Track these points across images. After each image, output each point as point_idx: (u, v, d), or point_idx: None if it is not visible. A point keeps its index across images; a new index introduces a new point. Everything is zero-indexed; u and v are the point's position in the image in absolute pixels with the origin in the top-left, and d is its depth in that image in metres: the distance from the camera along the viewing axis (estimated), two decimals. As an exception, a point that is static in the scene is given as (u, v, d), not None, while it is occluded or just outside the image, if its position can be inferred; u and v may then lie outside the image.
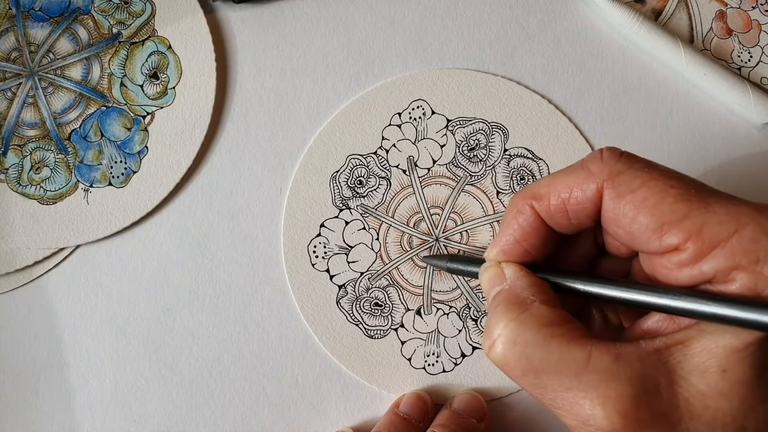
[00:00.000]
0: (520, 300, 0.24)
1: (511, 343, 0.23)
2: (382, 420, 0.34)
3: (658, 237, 0.22)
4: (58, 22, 0.37)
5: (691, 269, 0.22)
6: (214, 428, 0.36)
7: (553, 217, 0.26)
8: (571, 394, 0.22)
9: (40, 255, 0.36)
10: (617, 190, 0.23)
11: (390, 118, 0.38)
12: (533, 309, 0.24)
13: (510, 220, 0.26)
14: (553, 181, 0.25)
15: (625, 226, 0.23)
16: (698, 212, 0.22)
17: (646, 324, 0.25)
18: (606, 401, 0.21)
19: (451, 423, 0.33)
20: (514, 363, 0.23)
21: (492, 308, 0.25)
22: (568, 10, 0.39)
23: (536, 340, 0.23)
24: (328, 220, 0.37)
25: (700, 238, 0.21)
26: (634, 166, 0.23)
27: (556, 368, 0.22)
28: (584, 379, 0.22)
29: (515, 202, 0.26)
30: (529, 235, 0.26)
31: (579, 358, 0.22)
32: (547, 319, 0.23)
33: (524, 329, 0.23)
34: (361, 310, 0.36)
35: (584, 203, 0.24)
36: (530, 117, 0.38)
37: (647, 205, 0.22)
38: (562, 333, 0.23)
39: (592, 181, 0.24)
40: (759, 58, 0.39)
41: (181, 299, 0.37)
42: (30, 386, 0.36)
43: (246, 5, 0.38)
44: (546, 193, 0.25)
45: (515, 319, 0.24)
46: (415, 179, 0.37)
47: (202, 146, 0.37)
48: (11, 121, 0.37)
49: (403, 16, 0.39)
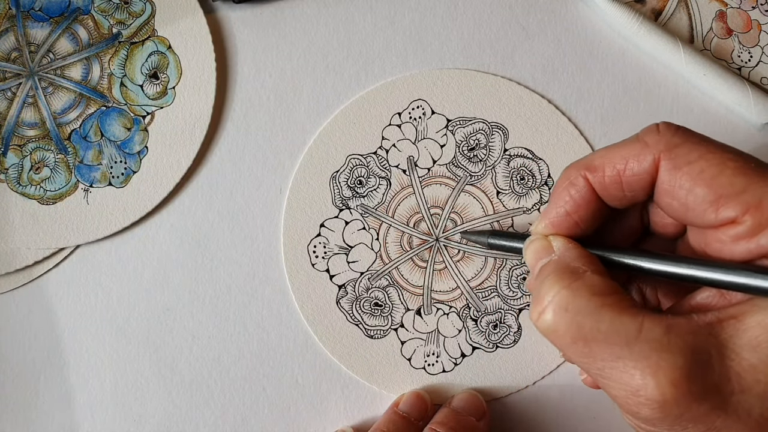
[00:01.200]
0: (571, 269, 0.24)
1: (562, 310, 0.23)
2: (381, 418, 0.34)
3: (715, 209, 0.22)
4: (58, 22, 0.37)
5: (748, 242, 0.22)
6: (214, 428, 0.36)
7: (607, 189, 0.25)
8: (621, 364, 0.22)
9: (40, 255, 0.36)
10: (674, 161, 0.23)
11: (390, 118, 0.38)
12: (585, 278, 0.24)
13: (561, 191, 0.26)
14: (608, 153, 0.25)
15: (681, 198, 0.23)
16: (757, 186, 0.22)
17: (695, 299, 0.25)
18: (658, 371, 0.21)
19: (449, 421, 0.33)
20: (565, 330, 0.23)
21: (541, 278, 0.25)
22: (568, 10, 0.39)
23: (588, 308, 0.23)
24: (328, 220, 0.37)
25: (759, 210, 0.21)
26: (691, 139, 0.23)
27: (607, 337, 0.22)
28: (636, 349, 0.22)
29: (568, 173, 0.26)
30: (580, 207, 0.26)
31: (631, 327, 0.22)
32: (598, 288, 0.23)
33: (576, 297, 0.23)
34: (361, 310, 0.37)
35: (640, 174, 0.24)
36: (530, 117, 0.38)
37: (705, 177, 0.22)
38: (614, 302, 0.23)
39: (649, 152, 0.24)
40: (759, 58, 0.39)
41: (181, 299, 0.37)
42: (30, 386, 0.36)
43: (246, 5, 0.38)
44: (601, 165, 0.25)
45: (567, 286, 0.23)
46: (415, 179, 0.37)
47: (202, 146, 0.37)
48: (11, 121, 0.37)
49: (403, 16, 0.39)
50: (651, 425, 0.22)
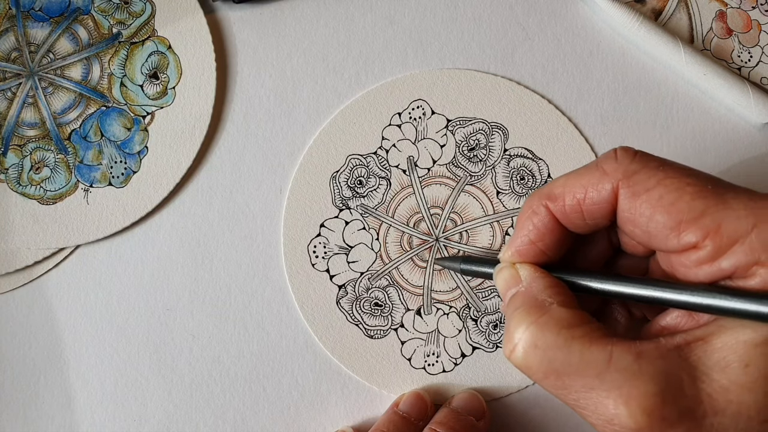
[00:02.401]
0: (538, 303, 0.24)
1: (532, 347, 0.23)
2: (381, 418, 0.34)
3: (676, 235, 0.22)
4: (58, 22, 0.37)
5: (711, 266, 0.22)
6: (214, 428, 0.36)
7: (568, 217, 0.25)
8: (594, 394, 0.22)
9: (40, 255, 0.36)
10: (633, 189, 0.23)
11: (390, 118, 0.38)
12: (552, 311, 0.24)
13: (525, 220, 0.26)
14: (567, 181, 0.25)
15: (642, 225, 0.23)
16: (716, 209, 0.22)
17: (665, 320, 0.25)
18: (629, 400, 0.21)
19: (449, 421, 0.33)
20: (537, 366, 0.23)
21: (510, 311, 0.25)
22: (568, 10, 0.39)
23: (557, 343, 0.23)
24: (328, 220, 0.37)
25: (718, 235, 0.21)
26: (648, 165, 0.23)
27: (578, 369, 0.22)
28: (607, 379, 0.22)
29: (530, 203, 0.26)
30: (544, 235, 0.26)
31: (600, 358, 0.22)
32: (566, 321, 0.23)
33: (544, 332, 0.23)
34: (361, 310, 0.37)
35: (600, 203, 0.24)
36: (530, 117, 0.38)
37: (663, 203, 0.22)
38: (583, 334, 0.23)
39: (607, 181, 0.24)
40: (759, 58, 0.39)
41: (181, 299, 0.37)
42: (30, 386, 0.36)
43: (246, 5, 0.38)
44: (561, 194, 0.25)
45: (535, 322, 0.23)
46: (415, 179, 0.37)
47: (202, 146, 0.37)
48: (11, 121, 0.37)
49: (403, 16, 0.39)
50: None
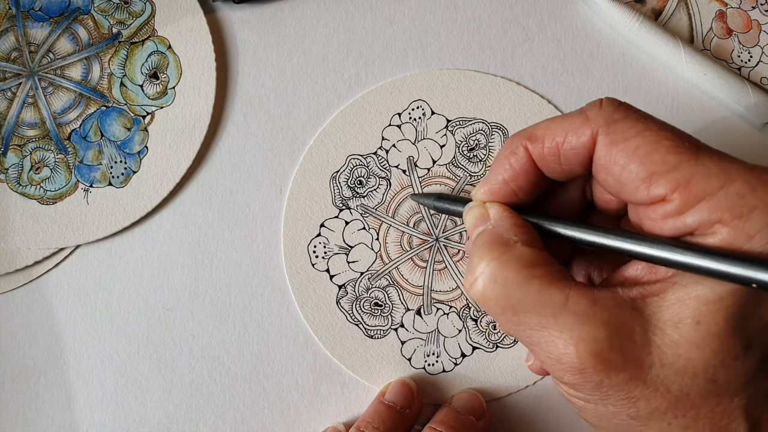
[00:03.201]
0: (503, 240, 0.25)
1: (491, 281, 0.24)
2: (368, 409, 0.35)
3: (647, 186, 0.22)
4: (58, 22, 0.37)
5: (675, 220, 0.22)
6: (214, 428, 0.36)
7: (545, 160, 0.26)
8: (546, 333, 0.23)
9: (40, 255, 0.36)
10: (611, 137, 0.23)
11: (390, 119, 0.38)
12: (515, 249, 0.24)
13: (502, 159, 0.26)
14: (550, 124, 0.25)
15: (616, 174, 0.23)
16: (688, 164, 0.22)
17: (626, 272, 0.25)
18: (579, 342, 0.22)
19: (449, 420, 0.33)
20: (494, 301, 0.24)
21: (475, 247, 0.25)
22: (568, 10, 0.39)
23: (516, 280, 0.23)
24: (328, 220, 0.37)
25: (687, 189, 0.22)
26: (631, 116, 0.24)
27: (534, 308, 0.23)
28: (560, 320, 0.22)
29: (510, 142, 0.26)
30: (518, 176, 0.26)
31: (557, 299, 0.23)
32: (528, 260, 0.24)
33: (505, 268, 0.24)
34: (361, 310, 0.37)
35: (578, 148, 0.24)
36: (530, 117, 0.38)
37: (639, 153, 0.23)
38: (543, 274, 0.23)
39: (588, 126, 0.24)
40: (759, 58, 0.39)
41: (181, 299, 0.37)
42: (30, 386, 0.36)
43: (246, 5, 0.38)
44: (541, 136, 0.25)
45: (497, 258, 0.24)
46: (415, 179, 0.37)
47: (202, 146, 0.37)
48: (11, 121, 0.37)
49: (402, 16, 0.39)
50: (574, 389, 0.23)
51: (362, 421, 0.34)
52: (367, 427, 0.33)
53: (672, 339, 0.22)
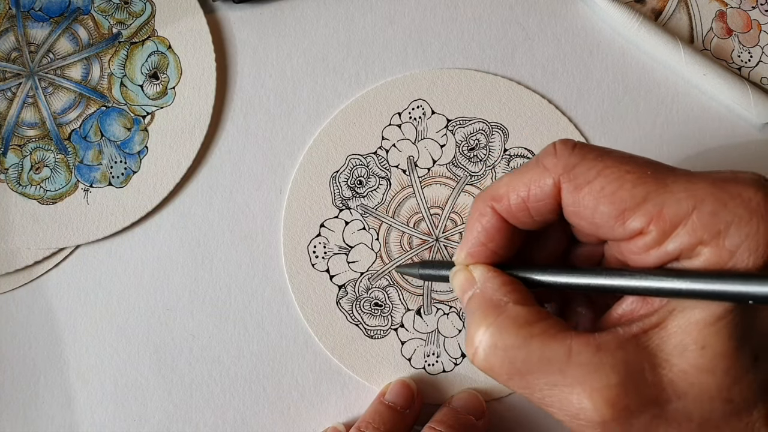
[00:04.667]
0: (493, 303, 0.24)
1: (492, 348, 0.23)
2: (368, 409, 0.35)
3: (621, 224, 0.22)
4: (58, 22, 0.37)
5: (657, 250, 0.22)
6: (214, 428, 0.36)
7: (515, 215, 0.26)
8: (557, 391, 0.22)
9: (40, 255, 0.36)
10: (574, 183, 0.23)
11: (390, 118, 0.38)
12: (508, 310, 0.24)
13: (473, 222, 0.26)
14: (510, 180, 0.25)
15: (588, 218, 0.23)
16: (656, 194, 0.22)
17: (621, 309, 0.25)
18: (592, 393, 0.21)
19: (449, 419, 0.33)
20: (499, 368, 0.23)
21: (468, 314, 0.25)
22: (568, 10, 0.39)
23: (516, 342, 0.23)
24: (328, 220, 0.37)
25: (661, 219, 0.22)
26: (587, 157, 0.23)
27: (540, 367, 0.22)
28: (569, 374, 0.22)
29: (476, 205, 0.26)
30: (493, 236, 0.26)
31: (560, 353, 0.22)
32: (523, 318, 0.23)
33: (503, 333, 0.23)
34: (361, 310, 0.36)
35: (543, 199, 0.24)
36: (530, 117, 0.38)
37: (606, 193, 0.23)
38: (541, 331, 0.23)
39: (548, 176, 0.24)
40: (759, 58, 0.39)
41: (181, 299, 0.37)
42: (30, 386, 0.36)
43: (246, 5, 0.38)
44: (504, 193, 0.25)
45: (493, 323, 0.24)
46: (415, 179, 0.37)
47: (202, 146, 0.37)
48: (11, 121, 0.37)
49: (403, 16, 0.39)
50: None
51: (362, 421, 0.34)
52: (368, 427, 0.33)
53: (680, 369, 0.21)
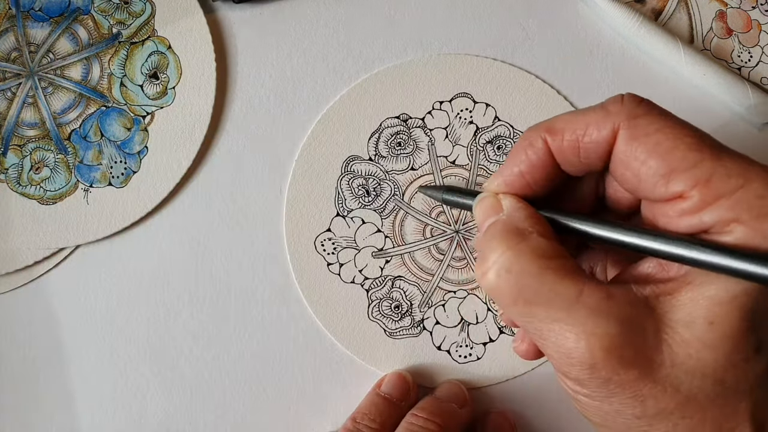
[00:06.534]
0: (518, 230, 0.24)
1: (505, 271, 0.23)
2: (363, 401, 0.35)
3: (665, 182, 0.22)
4: (58, 22, 0.37)
5: (692, 218, 0.22)
6: (214, 428, 0.36)
7: (564, 153, 0.25)
8: (557, 326, 0.22)
9: (40, 255, 0.36)
10: (633, 132, 0.23)
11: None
12: (531, 240, 0.24)
13: (519, 151, 0.26)
14: (571, 118, 0.25)
15: (635, 169, 0.23)
16: (709, 162, 0.22)
17: (637, 270, 0.25)
18: (591, 336, 0.22)
19: (431, 407, 0.34)
20: (507, 291, 0.23)
21: (487, 237, 0.25)
22: (568, 10, 0.39)
23: (531, 271, 0.23)
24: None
25: (706, 187, 0.22)
26: (652, 112, 0.23)
27: (548, 300, 0.23)
28: (573, 314, 0.22)
29: (528, 134, 0.26)
30: (536, 168, 0.26)
31: (571, 292, 0.22)
32: (543, 251, 0.23)
33: (519, 258, 0.23)
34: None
35: (598, 142, 0.24)
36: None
37: (660, 150, 0.22)
38: (558, 266, 0.23)
39: (609, 120, 0.24)
40: (759, 58, 0.39)
41: (181, 299, 0.37)
42: (30, 386, 0.36)
43: (246, 5, 0.38)
44: (561, 129, 0.25)
45: (513, 248, 0.24)
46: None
47: (202, 146, 0.37)
48: (11, 121, 0.37)
49: (403, 16, 0.39)
50: (580, 385, 0.23)
51: (358, 412, 0.34)
52: (363, 418, 0.33)
53: (683, 338, 0.22)
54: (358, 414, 0.34)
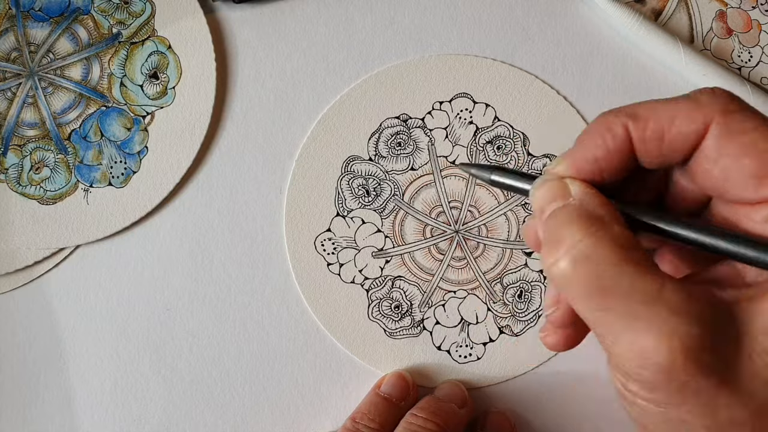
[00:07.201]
0: (595, 216, 0.22)
1: (584, 258, 0.21)
2: (363, 400, 0.35)
3: (756, 184, 0.21)
4: (58, 22, 0.37)
5: None
6: (214, 428, 0.36)
7: (645, 143, 0.23)
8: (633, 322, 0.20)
9: (40, 255, 0.36)
10: (727, 127, 0.22)
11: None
12: (612, 228, 0.22)
13: (594, 135, 0.24)
14: (655, 106, 0.23)
15: (725, 166, 0.22)
16: None
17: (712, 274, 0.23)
18: (673, 335, 0.20)
19: (430, 406, 0.33)
20: (584, 280, 0.21)
21: (557, 222, 0.23)
22: (568, 10, 0.39)
23: (611, 260, 0.21)
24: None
25: None
26: (747, 109, 0.22)
27: (627, 293, 0.21)
28: (654, 310, 0.20)
29: (606, 117, 0.24)
30: (611, 155, 0.23)
31: (652, 287, 0.20)
32: (623, 240, 0.21)
33: (599, 246, 0.21)
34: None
35: (687, 134, 0.22)
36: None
37: (756, 149, 0.21)
38: (638, 259, 0.21)
39: (701, 113, 0.22)
40: (759, 58, 0.39)
41: (181, 299, 0.37)
42: (30, 386, 0.36)
43: (246, 5, 0.38)
44: (646, 117, 0.23)
45: (593, 234, 0.21)
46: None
47: (202, 146, 0.37)
48: (11, 121, 0.37)
49: (403, 16, 0.39)
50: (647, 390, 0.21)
51: (358, 412, 0.34)
52: (363, 418, 0.33)
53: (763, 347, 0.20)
54: (358, 414, 0.34)
